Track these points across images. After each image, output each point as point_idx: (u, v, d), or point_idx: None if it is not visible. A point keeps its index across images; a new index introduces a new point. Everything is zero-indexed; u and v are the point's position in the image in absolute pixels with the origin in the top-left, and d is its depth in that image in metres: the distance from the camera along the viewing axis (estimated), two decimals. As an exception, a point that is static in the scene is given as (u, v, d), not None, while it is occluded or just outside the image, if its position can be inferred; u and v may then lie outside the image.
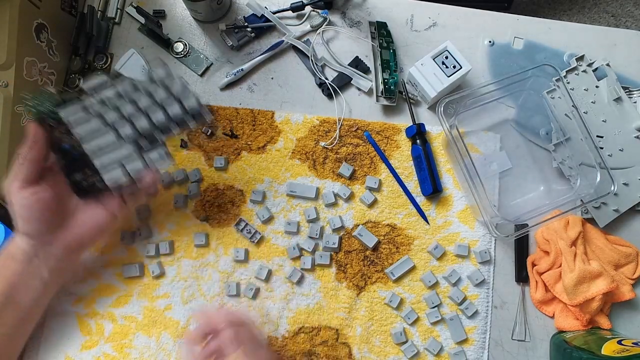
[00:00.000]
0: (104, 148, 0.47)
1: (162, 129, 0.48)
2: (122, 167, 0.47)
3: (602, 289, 0.52)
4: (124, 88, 0.46)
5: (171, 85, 0.47)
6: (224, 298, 0.56)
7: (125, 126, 0.47)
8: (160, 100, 0.47)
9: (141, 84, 0.47)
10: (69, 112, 0.46)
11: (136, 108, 0.47)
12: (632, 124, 0.60)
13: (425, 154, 0.58)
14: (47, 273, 0.48)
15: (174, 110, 0.47)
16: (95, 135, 0.47)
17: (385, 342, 0.55)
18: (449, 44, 0.57)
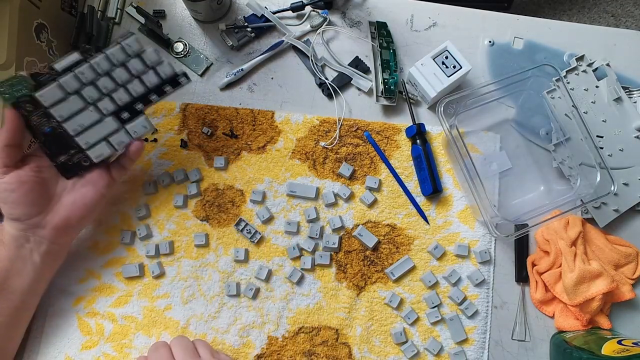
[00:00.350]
0: (86, 125, 0.47)
1: (140, 98, 0.48)
2: (106, 141, 0.48)
3: (602, 289, 0.52)
4: (98, 63, 0.46)
5: (143, 54, 0.48)
6: (224, 298, 0.56)
7: (104, 101, 0.47)
8: (135, 71, 0.47)
9: (114, 56, 0.47)
10: (45, 94, 0.45)
11: (113, 81, 0.47)
12: (632, 124, 0.60)
13: (425, 154, 0.58)
14: (38, 257, 0.48)
15: (150, 80, 0.48)
16: (76, 114, 0.47)
17: (385, 342, 0.55)
18: (449, 44, 0.57)
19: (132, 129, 0.49)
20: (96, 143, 0.48)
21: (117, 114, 0.48)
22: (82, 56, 0.46)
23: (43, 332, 0.54)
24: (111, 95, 0.48)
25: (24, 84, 0.45)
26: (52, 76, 0.46)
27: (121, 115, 0.48)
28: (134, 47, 0.47)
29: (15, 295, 0.48)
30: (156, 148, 0.59)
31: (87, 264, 0.56)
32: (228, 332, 0.55)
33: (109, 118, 0.48)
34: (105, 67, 0.47)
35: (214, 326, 0.55)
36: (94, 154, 0.48)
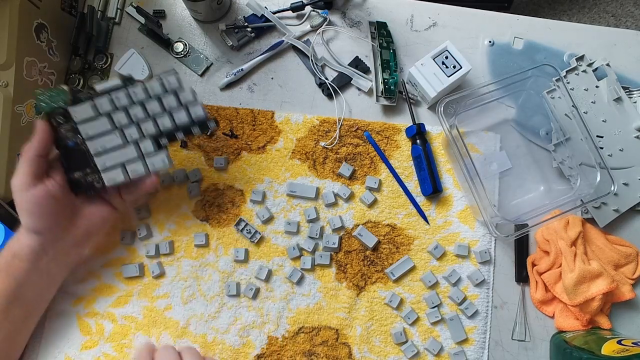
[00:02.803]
0: (108, 148, 0.48)
1: (166, 134, 0.49)
2: (122, 167, 0.48)
3: (602, 289, 0.52)
4: (135, 91, 0.47)
5: (181, 93, 0.48)
6: (224, 298, 0.56)
7: (131, 128, 0.48)
8: (168, 107, 0.48)
9: (152, 89, 0.48)
10: (79, 111, 0.47)
11: (144, 112, 0.48)
12: (632, 124, 0.60)
13: (425, 154, 0.58)
14: (54, 269, 0.49)
15: (181, 118, 0.49)
16: (101, 135, 0.48)
17: (385, 342, 0.55)
18: (449, 44, 0.57)
19: (151, 161, 0.49)
20: (112, 167, 0.48)
21: (139, 145, 0.49)
22: (122, 82, 0.48)
23: (43, 332, 0.54)
24: (139, 124, 0.48)
25: (62, 97, 0.47)
26: (90, 95, 0.47)
27: (143, 146, 0.49)
28: (173, 84, 0.48)
29: (28, 303, 0.48)
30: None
31: (87, 264, 0.56)
32: (228, 332, 0.55)
33: (131, 146, 0.48)
34: (140, 97, 0.48)
35: (214, 326, 0.55)
36: (107, 177, 0.48)
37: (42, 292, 0.49)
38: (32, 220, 0.46)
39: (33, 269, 0.47)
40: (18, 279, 0.46)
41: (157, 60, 0.62)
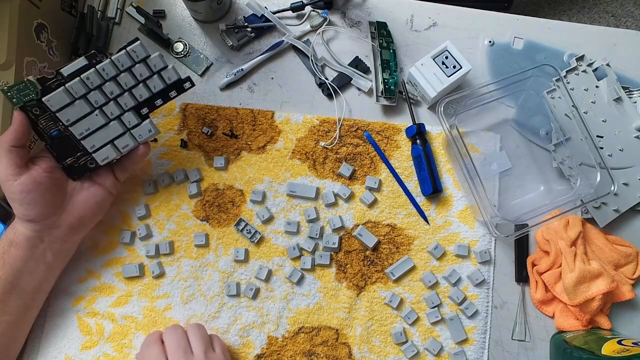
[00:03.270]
0: (92, 129, 0.48)
1: (146, 102, 0.49)
2: (112, 144, 0.48)
3: (602, 289, 0.52)
4: (104, 68, 0.47)
5: (149, 60, 0.48)
6: (224, 298, 0.56)
7: (110, 105, 0.48)
8: (141, 76, 0.48)
9: (120, 62, 0.47)
10: (52, 99, 0.46)
11: (119, 86, 0.48)
12: (632, 124, 0.60)
13: (425, 154, 0.58)
14: (51, 256, 0.49)
15: (155, 85, 0.49)
16: (82, 118, 0.47)
17: (385, 342, 0.55)
18: (449, 44, 0.57)
19: (137, 132, 0.49)
20: (102, 146, 0.49)
21: (122, 118, 0.49)
22: (88, 61, 0.47)
23: (43, 332, 0.54)
24: (117, 99, 0.48)
25: (31, 89, 0.46)
26: (59, 81, 0.47)
27: (126, 119, 0.49)
28: (140, 52, 0.48)
29: (26, 293, 0.48)
30: (156, 148, 0.59)
31: (87, 264, 0.56)
32: (228, 332, 0.55)
33: (115, 122, 0.49)
34: (111, 72, 0.47)
35: (214, 326, 0.55)
36: (99, 157, 0.49)
37: (40, 282, 0.49)
38: (24, 208, 0.46)
39: (30, 257, 0.47)
40: (15, 268, 0.47)
41: (157, 60, 0.62)
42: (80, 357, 0.54)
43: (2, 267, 0.46)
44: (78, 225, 0.50)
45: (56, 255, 0.49)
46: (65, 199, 0.49)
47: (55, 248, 0.49)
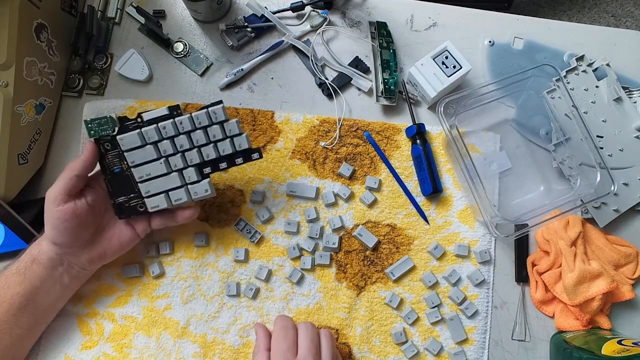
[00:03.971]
0: (153, 176, 0.49)
1: (210, 163, 0.50)
2: (166, 194, 0.49)
3: (602, 289, 0.52)
4: (182, 121, 0.48)
5: (226, 124, 0.49)
6: (224, 298, 0.56)
7: (176, 157, 0.49)
8: (213, 137, 0.49)
9: (199, 119, 0.48)
10: (126, 139, 0.48)
11: (190, 141, 0.49)
12: (632, 124, 0.60)
13: (425, 154, 0.58)
14: (67, 280, 0.50)
15: (225, 149, 0.49)
16: (146, 163, 0.48)
17: (385, 342, 0.55)
18: (449, 44, 0.57)
19: (193, 189, 0.50)
20: (156, 194, 0.49)
21: (184, 172, 0.49)
22: (169, 111, 0.48)
23: (43, 332, 0.54)
24: (184, 153, 0.49)
25: (110, 125, 0.48)
26: (137, 124, 0.48)
27: (187, 174, 0.49)
28: (220, 115, 0.48)
29: (39, 310, 0.49)
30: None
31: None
32: (228, 332, 0.55)
33: (175, 174, 0.49)
34: (187, 127, 0.48)
35: (214, 326, 0.55)
36: (151, 203, 0.49)
37: (54, 301, 0.50)
38: (55, 233, 0.47)
39: (48, 277, 0.48)
40: (33, 285, 0.48)
41: (157, 60, 0.62)
42: (80, 357, 0.54)
43: (22, 282, 0.47)
44: (98, 259, 0.50)
45: (72, 279, 0.50)
46: (96, 234, 0.50)
47: (73, 273, 0.50)
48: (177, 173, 0.49)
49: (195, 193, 0.50)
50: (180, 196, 0.49)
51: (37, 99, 0.55)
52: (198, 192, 0.50)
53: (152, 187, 0.49)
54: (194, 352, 0.54)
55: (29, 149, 0.55)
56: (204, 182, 0.50)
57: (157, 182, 0.49)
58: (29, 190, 0.57)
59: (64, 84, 0.61)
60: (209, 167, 0.50)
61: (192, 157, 0.49)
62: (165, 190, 0.49)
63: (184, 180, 0.49)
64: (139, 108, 0.59)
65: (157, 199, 0.49)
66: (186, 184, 0.50)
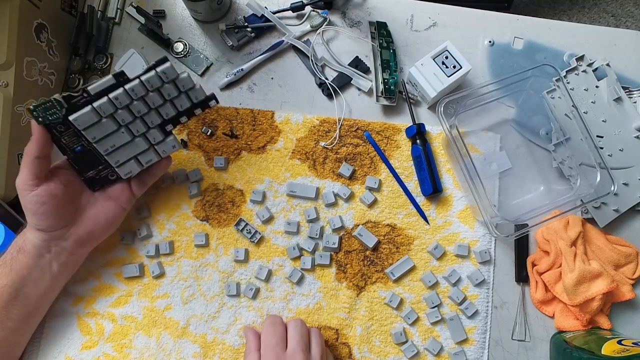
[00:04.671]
0: (118, 146, 0.48)
1: (170, 120, 0.50)
2: (135, 159, 0.49)
3: (602, 289, 0.52)
4: (133, 88, 0.47)
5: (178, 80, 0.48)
6: (224, 298, 0.56)
7: (136, 123, 0.48)
8: (168, 96, 0.48)
9: (150, 82, 0.47)
10: (80, 119, 0.46)
11: (146, 105, 0.48)
12: (632, 124, 0.60)
13: (425, 154, 0.58)
14: (57, 267, 0.49)
15: (182, 104, 0.49)
16: (108, 135, 0.48)
17: (385, 342, 0.55)
18: (449, 44, 0.57)
19: (161, 148, 0.50)
20: (126, 161, 0.49)
21: (147, 135, 0.49)
22: (116, 80, 0.46)
23: (43, 332, 0.54)
24: (143, 117, 0.49)
25: (58, 107, 0.45)
26: (85, 99, 0.46)
27: (151, 136, 0.49)
28: (170, 74, 0.47)
29: (30, 302, 0.49)
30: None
31: (87, 264, 0.56)
32: (228, 332, 0.55)
33: (140, 139, 0.49)
34: (140, 92, 0.47)
35: (214, 326, 0.55)
36: (123, 171, 0.49)
37: (45, 291, 0.49)
38: (36, 219, 0.46)
39: (35, 265, 0.47)
40: (21, 275, 0.47)
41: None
42: (80, 357, 0.54)
43: (9, 274, 0.47)
44: (86, 240, 0.50)
45: (62, 266, 0.49)
46: (78, 213, 0.50)
47: (62, 259, 0.49)
48: (141, 137, 0.49)
49: (164, 151, 0.50)
50: (150, 157, 0.50)
51: (37, 99, 0.55)
52: (166, 150, 0.51)
53: (120, 156, 0.49)
54: (194, 352, 0.54)
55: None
56: (170, 139, 0.50)
57: (124, 151, 0.49)
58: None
59: (64, 84, 0.61)
60: (170, 123, 0.50)
61: (152, 119, 0.49)
62: (134, 155, 0.49)
63: (150, 142, 0.50)
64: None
65: (128, 166, 0.49)
66: (153, 145, 0.50)
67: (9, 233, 0.53)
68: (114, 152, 0.48)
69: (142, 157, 0.50)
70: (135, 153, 0.49)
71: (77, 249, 0.50)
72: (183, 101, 0.49)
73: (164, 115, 0.49)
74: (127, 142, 0.48)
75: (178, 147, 0.51)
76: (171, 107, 0.49)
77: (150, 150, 0.50)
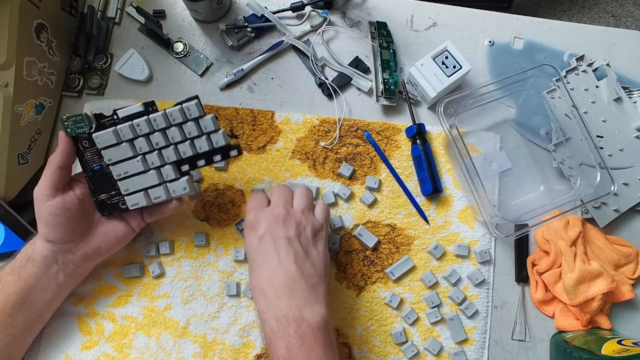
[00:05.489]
0: (130, 173, 0.48)
1: (187, 160, 0.49)
2: (145, 192, 0.48)
3: (602, 289, 0.52)
4: (155, 118, 0.47)
5: (201, 120, 0.48)
6: (224, 298, 0.56)
7: (153, 155, 0.48)
8: (189, 134, 0.48)
9: (173, 116, 0.47)
10: (101, 137, 0.47)
11: (165, 138, 0.48)
12: (632, 124, 0.60)
13: (425, 154, 0.58)
14: (63, 278, 0.49)
15: (202, 145, 0.48)
16: (123, 161, 0.48)
17: (385, 342, 0.55)
18: (449, 44, 0.57)
19: (172, 187, 0.49)
20: (135, 192, 0.49)
21: (162, 170, 0.49)
22: (144, 108, 0.47)
23: (43, 332, 0.54)
24: (161, 150, 0.48)
25: (86, 122, 0.47)
26: (113, 121, 0.48)
27: (165, 172, 0.49)
28: (194, 111, 0.47)
29: (35, 310, 0.49)
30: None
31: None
32: (228, 332, 0.55)
33: (153, 172, 0.48)
34: (161, 124, 0.47)
35: (214, 326, 0.55)
36: (130, 201, 0.49)
37: (50, 300, 0.50)
38: (47, 229, 0.47)
39: (43, 275, 0.48)
40: (28, 284, 0.47)
41: (157, 60, 0.62)
42: (80, 357, 0.54)
43: (16, 282, 0.47)
44: (93, 255, 0.50)
45: (68, 277, 0.50)
46: (88, 229, 0.50)
47: (68, 271, 0.49)
48: (155, 171, 0.48)
49: (174, 191, 0.49)
50: (159, 194, 0.49)
51: (37, 99, 0.55)
52: (177, 191, 0.49)
53: (131, 185, 0.48)
54: (194, 352, 0.54)
55: (29, 149, 0.55)
56: (182, 180, 0.49)
57: (135, 180, 0.48)
58: (29, 190, 0.56)
59: (64, 84, 0.61)
60: (187, 164, 0.49)
61: (168, 154, 0.48)
62: (144, 188, 0.49)
63: (162, 177, 0.49)
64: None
65: (136, 197, 0.49)
66: (165, 182, 0.49)
67: (9, 233, 0.53)
68: (126, 179, 0.48)
69: (152, 192, 0.49)
70: (146, 185, 0.48)
71: (84, 262, 0.50)
72: (203, 143, 0.48)
73: (181, 153, 0.48)
74: (140, 171, 0.48)
75: (189, 192, 0.49)
76: (190, 146, 0.48)
77: (161, 186, 0.49)
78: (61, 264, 0.49)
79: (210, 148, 0.48)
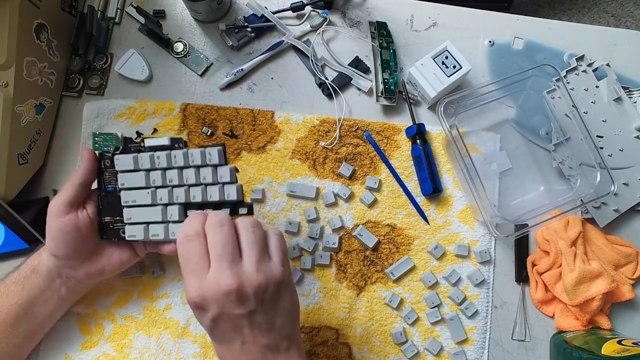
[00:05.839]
0: (137, 203, 0.48)
1: (195, 205, 0.48)
2: (145, 226, 0.47)
3: (602, 289, 0.52)
4: (175, 155, 0.46)
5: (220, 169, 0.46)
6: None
7: (163, 191, 0.47)
8: (204, 179, 0.46)
9: (192, 157, 0.46)
10: (121, 160, 0.47)
11: (180, 178, 0.47)
12: (632, 124, 0.60)
13: (425, 154, 0.58)
14: (65, 291, 0.49)
15: (212, 194, 0.46)
16: (135, 189, 0.48)
17: (385, 342, 0.55)
18: (449, 44, 0.57)
19: (172, 228, 0.47)
20: (136, 223, 0.48)
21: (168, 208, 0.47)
22: (170, 142, 0.47)
23: (43, 332, 0.54)
24: (172, 189, 0.47)
25: (114, 142, 0.48)
26: (138, 147, 0.48)
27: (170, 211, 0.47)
28: (214, 159, 0.46)
29: (37, 321, 0.49)
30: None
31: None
32: (228, 332, 0.55)
33: (159, 208, 0.47)
34: (180, 162, 0.46)
35: (214, 326, 0.55)
36: (129, 231, 0.48)
37: (51, 312, 0.50)
38: (54, 244, 0.47)
39: (46, 288, 0.48)
40: (32, 295, 0.48)
41: (157, 60, 0.62)
42: (80, 357, 0.54)
43: (20, 292, 0.47)
44: (96, 275, 0.50)
45: (70, 291, 0.50)
46: (94, 251, 0.49)
47: (70, 286, 0.49)
48: (161, 207, 0.47)
49: (173, 234, 0.47)
50: (158, 232, 0.47)
51: (37, 99, 0.55)
52: (176, 233, 0.47)
53: (134, 215, 0.48)
54: (194, 352, 0.54)
55: (29, 149, 0.55)
56: None
57: (140, 211, 0.48)
58: (29, 190, 0.57)
59: (64, 84, 0.61)
60: (194, 209, 0.47)
61: (178, 194, 0.47)
62: (146, 222, 0.47)
63: (166, 216, 0.47)
64: (139, 108, 0.59)
65: (135, 229, 0.47)
66: (167, 222, 0.47)
67: (9, 233, 0.53)
68: (132, 207, 0.48)
69: (152, 228, 0.47)
70: (149, 220, 0.47)
71: (86, 280, 0.50)
72: (214, 192, 0.46)
73: (191, 196, 0.47)
74: (147, 204, 0.47)
75: None
76: (201, 192, 0.46)
77: (162, 225, 0.47)
78: (64, 278, 0.49)
79: (220, 199, 0.46)
